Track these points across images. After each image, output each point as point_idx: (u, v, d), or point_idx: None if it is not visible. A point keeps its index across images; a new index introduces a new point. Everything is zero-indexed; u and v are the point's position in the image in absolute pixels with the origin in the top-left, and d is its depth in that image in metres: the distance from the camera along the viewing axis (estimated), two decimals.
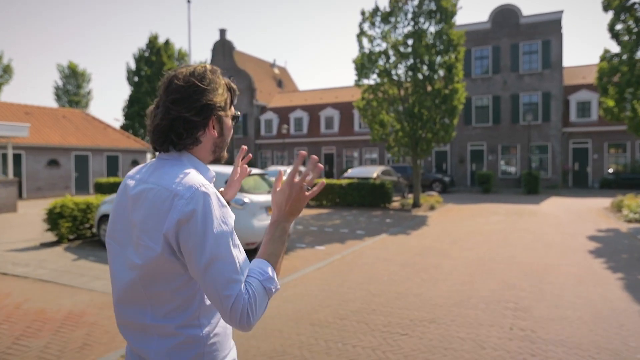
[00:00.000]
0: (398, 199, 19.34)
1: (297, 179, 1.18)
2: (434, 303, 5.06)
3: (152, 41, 35.51)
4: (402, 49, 14.42)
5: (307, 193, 1.19)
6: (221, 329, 1.22)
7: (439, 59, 14.57)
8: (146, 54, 35.40)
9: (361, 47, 15.35)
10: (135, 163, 26.40)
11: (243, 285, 1.07)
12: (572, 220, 12.49)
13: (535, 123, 25.53)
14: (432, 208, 15.49)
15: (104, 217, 8.34)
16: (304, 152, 1.25)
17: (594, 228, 11.00)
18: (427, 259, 7.62)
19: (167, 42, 36.26)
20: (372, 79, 15.36)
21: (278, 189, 1.21)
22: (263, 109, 35.43)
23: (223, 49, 35.73)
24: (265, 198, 7.54)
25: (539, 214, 14.14)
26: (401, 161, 25.26)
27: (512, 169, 26.72)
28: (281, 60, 76.87)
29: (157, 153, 1.26)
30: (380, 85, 15.30)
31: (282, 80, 40.86)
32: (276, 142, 33.37)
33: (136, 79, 35.39)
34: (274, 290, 1.12)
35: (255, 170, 7.59)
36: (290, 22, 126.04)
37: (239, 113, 1.34)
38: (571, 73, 27.70)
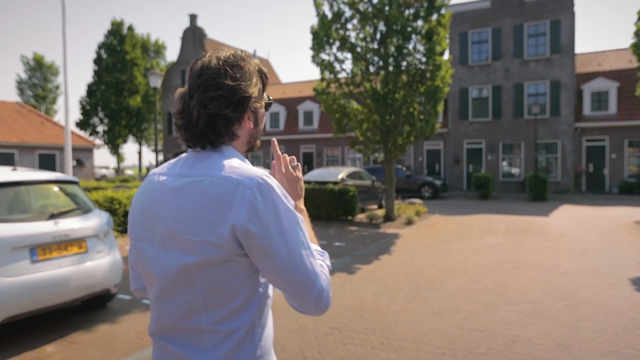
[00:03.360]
0: (375, 207, 15.73)
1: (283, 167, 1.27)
2: None
3: (116, 27, 31.95)
4: (361, 7, 10.77)
5: (297, 172, 1.27)
6: (269, 329, 1.15)
7: (419, 22, 10.92)
8: (108, 41, 31.86)
9: (319, 11, 11.72)
10: (79, 163, 22.87)
11: (319, 268, 1.06)
12: (598, 242, 8.80)
13: (542, 117, 21.82)
14: (409, 222, 11.83)
15: None
16: (274, 140, 1.32)
17: (637, 260, 7.33)
18: (337, 348, 3.96)
19: (130, 28, 32.71)
20: (332, 54, 11.72)
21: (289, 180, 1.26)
22: None
23: (193, 36, 32.22)
24: (33, 228, 3.92)
25: (551, 231, 10.46)
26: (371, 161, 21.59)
27: (515, 171, 23.01)
28: (263, 52, 72.99)
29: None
30: (341, 62, 11.66)
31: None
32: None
33: (96, 68, 31.86)
34: (330, 266, 1.14)
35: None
36: (275, 12, 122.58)
37: (271, 99, 1.24)
38: (584, 60, 23.97)
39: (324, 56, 11.98)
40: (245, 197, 1.00)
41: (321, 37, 11.21)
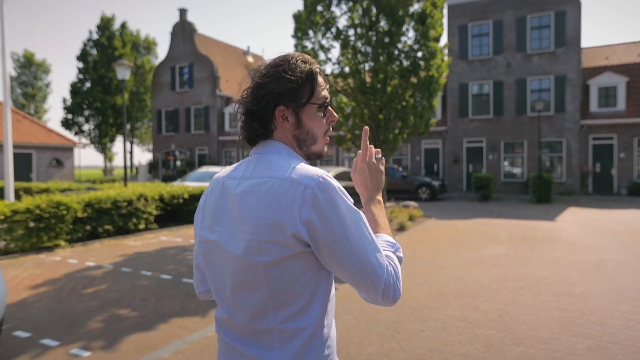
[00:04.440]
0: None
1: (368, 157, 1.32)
2: None
3: (105, 22, 30.73)
4: None
5: (380, 164, 1.33)
6: (334, 329, 1.18)
7: (413, 6, 9.75)
8: (95, 37, 30.64)
9: None
10: (58, 163, 21.73)
11: (387, 261, 1.09)
12: (615, 254, 7.62)
13: (546, 114, 20.64)
14: (401, 228, 10.67)
15: None
16: (367, 128, 1.37)
17: None
18: None
19: (123, 26, 31.50)
20: (316, 41, 10.56)
21: (357, 170, 1.33)
22: (228, 101, 30.71)
23: (183, 31, 31.04)
24: None
25: (559, 239, 9.28)
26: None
27: (517, 171, 21.83)
28: (258, 49, 71.64)
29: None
30: (327, 50, 10.51)
31: None
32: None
33: (81, 64, 30.67)
34: (402, 257, 1.17)
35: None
36: (269, 8, 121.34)
37: (327, 100, 1.21)
38: (590, 54, 22.77)
39: (307, 44, 10.85)
40: (306, 196, 1.03)
41: (304, 21, 10.06)
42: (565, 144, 20.62)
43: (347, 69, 10.59)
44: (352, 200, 1.07)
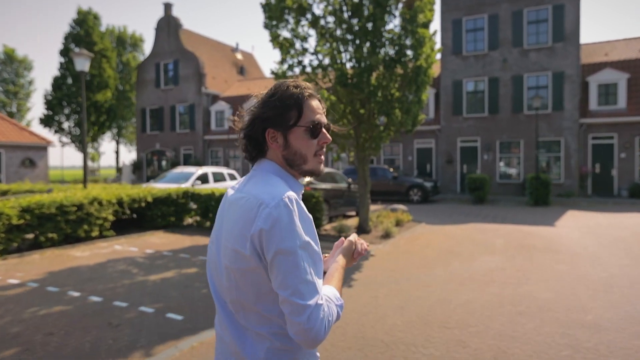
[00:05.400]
0: (354, 213, 13.58)
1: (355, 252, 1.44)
2: None
3: (83, 16, 29.55)
4: None
5: (354, 258, 1.44)
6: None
7: None
8: (74, 32, 29.45)
9: None
10: (30, 162, 20.58)
11: (323, 300, 1.12)
12: (626, 267, 6.61)
13: (544, 112, 19.70)
14: (386, 235, 9.65)
15: None
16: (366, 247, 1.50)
17: None
18: None
19: (95, 17, 30.30)
20: (290, 29, 9.52)
21: (346, 243, 1.43)
22: (214, 99, 29.61)
23: (168, 27, 29.93)
24: None
25: (561, 248, 8.29)
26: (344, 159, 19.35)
27: (513, 172, 20.88)
28: (247, 46, 70.46)
29: None
30: (303, 39, 9.47)
31: (244, 67, 35.03)
32: (231, 137, 27.54)
33: (63, 60, 29.46)
34: (340, 314, 1.20)
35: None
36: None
37: (316, 123, 1.30)
38: (590, 50, 21.86)
39: (285, 33, 9.80)
40: (262, 214, 1.14)
41: (274, 7, 9.02)
42: (564, 144, 19.68)
43: (326, 60, 9.57)
44: (306, 229, 1.16)
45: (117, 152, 40.32)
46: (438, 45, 9.15)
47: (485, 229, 11.04)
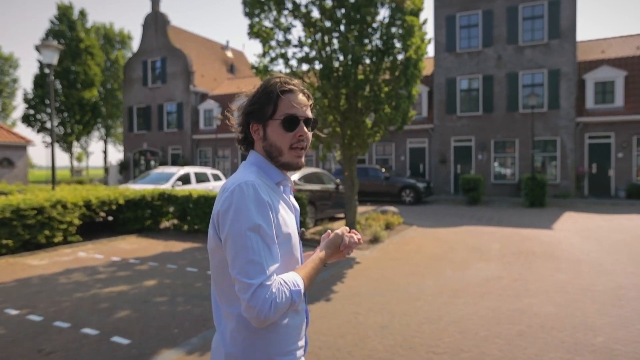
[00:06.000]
0: (342, 215, 12.95)
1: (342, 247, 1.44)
2: None
3: (64, 12, 28.65)
4: None
5: (342, 251, 1.45)
6: (286, 322, 1.29)
7: None
8: (56, 28, 28.56)
9: None
10: (8, 162, 19.78)
11: (272, 281, 1.16)
12: (634, 275, 6.06)
13: (539, 111, 19.19)
14: (375, 240, 9.03)
15: None
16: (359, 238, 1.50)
17: None
18: None
19: (82, 13, 29.46)
20: (272, 18, 8.88)
21: (332, 235, 1.44)
22: (203, 97, 28.87)
23: (155, 23, 29.15)
24: None
25: (561, 254, 7.69)
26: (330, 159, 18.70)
27: (508, 172, 20.34)
28: (238, 44, 69.49)
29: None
30: (286, 30, 8.84)
31: (235, 65, 34.31)
32: (220, 137, 26.81)
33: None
34: (297, 304, 1.23)
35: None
36: None
37: (288, 115, 1.35)
38: (586, 47, 21.38)
39: (267, 23, 9.17)
40: (222, 197, 1.24)
41: None
42: (560, 143, 19.17)
43: (313, 53, 8.94)
44: (261, 212, 1.21)
45: (105, 152, 39.46)
46: (429, 36, 8.52)
47: (479, 232, 10.45)
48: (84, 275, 6.35)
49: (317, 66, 8.77)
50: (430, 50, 25.54)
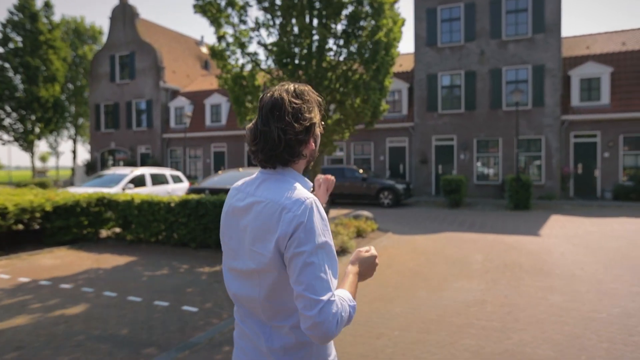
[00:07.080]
0: None
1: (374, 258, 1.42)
2: None
3: (24, 2, 26.84)
4: None
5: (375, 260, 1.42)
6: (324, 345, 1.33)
7: None
8: (15, 18, 26.74)
9: None
10: None
11: (335, 297, 1.17)
12: (639, 293, 5.04)
13: (524, 108, 18.34)
14: (341, 252, 7.88)
15: None
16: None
17: None
18: None
19: (47, 5, 27.69)
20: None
21: (366, 254, 1.40)
22: (174, 94, 27.43)
23: (124, 16, 27.59)
24: None
25: (552, 267, 6.65)
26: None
27: (491, 172, 19.46)
28: (214, 39, 68.26)
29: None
30: (241, 8, 7.65)
31: (209, 62, 32.89)
32: (191, 135, 25.43)
33: (1, 50, 26.75)
34: (352, 319, 1.22)
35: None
36: None
37: (323, 123, 1.40)
38: (570, 43, 20.65)
39: (221, 2, 7.95)
40: (286, 218, 1.20)
41: None
42: (544, 142, 18.35)
43: (268, 38, 7.78)
44: (326, 232, 1.23)
45: (74, 152, 37.61)
46: (402, 17, 7.39)
47: (461, 239, 9.41)
48: None
49: (275, 54, 7.61)
50: (411, 45, 24.58)
